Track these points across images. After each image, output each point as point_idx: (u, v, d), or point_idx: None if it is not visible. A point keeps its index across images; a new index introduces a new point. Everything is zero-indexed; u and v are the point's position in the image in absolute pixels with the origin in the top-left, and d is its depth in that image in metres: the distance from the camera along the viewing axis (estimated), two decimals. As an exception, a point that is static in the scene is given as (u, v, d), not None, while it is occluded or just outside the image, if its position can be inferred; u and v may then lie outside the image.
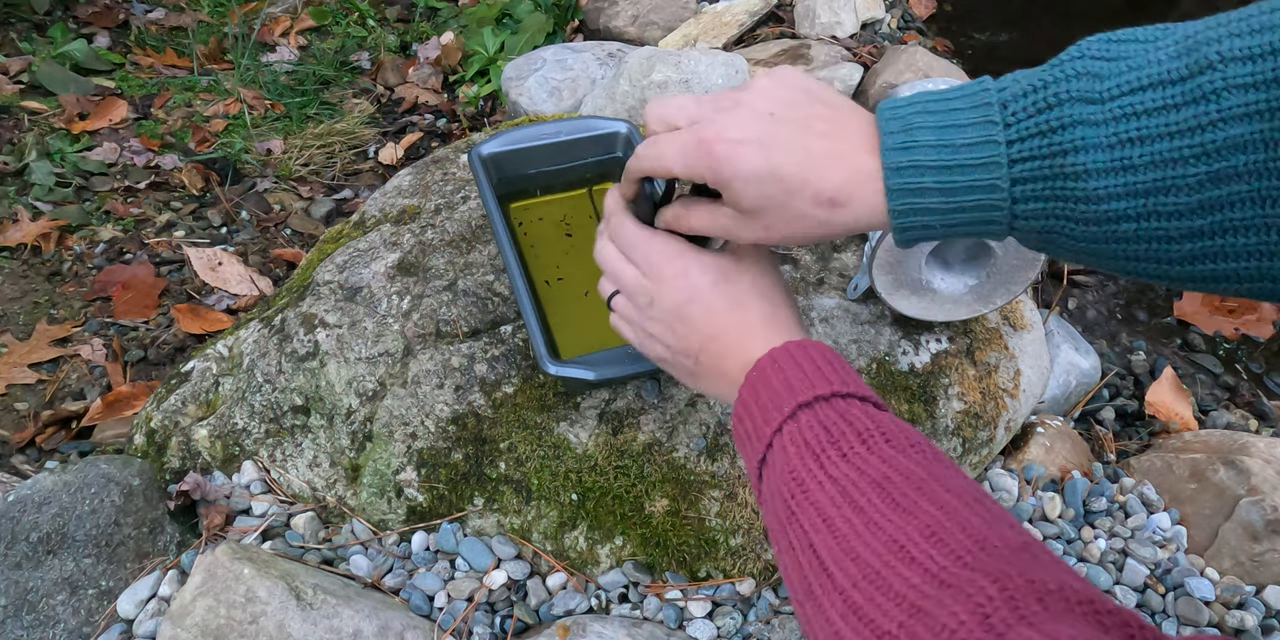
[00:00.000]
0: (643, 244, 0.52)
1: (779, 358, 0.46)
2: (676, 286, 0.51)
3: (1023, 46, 1.82)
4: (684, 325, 0.51)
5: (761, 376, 0.46)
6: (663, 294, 0.51)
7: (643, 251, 0.52)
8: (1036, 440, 0.90)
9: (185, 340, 1.21)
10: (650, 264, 0.52)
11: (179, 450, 0.86)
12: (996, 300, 0.78)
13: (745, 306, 0.50)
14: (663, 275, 0.51)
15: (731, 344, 0.50)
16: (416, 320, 0.83)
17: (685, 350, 0.52)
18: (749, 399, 0.46)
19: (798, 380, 0.44)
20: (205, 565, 0.68)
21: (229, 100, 1.66)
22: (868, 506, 0.36)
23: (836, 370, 0.45)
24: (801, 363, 0.45)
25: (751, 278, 0.52)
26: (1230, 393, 1.17)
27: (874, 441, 0.39)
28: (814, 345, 0.47)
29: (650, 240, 0.52)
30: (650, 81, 1.20)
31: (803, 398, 0.43)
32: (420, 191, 0.98)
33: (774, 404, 0.44)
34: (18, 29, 1.73)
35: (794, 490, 0.39)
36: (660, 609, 0.74)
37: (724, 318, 0.50)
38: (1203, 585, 0.79)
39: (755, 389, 0.46)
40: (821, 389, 0.43)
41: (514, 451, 0.76)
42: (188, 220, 1.42)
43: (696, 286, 0.50)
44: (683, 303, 0.51)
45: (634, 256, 0.53)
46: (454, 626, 0.71)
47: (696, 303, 0.50)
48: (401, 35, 1.88)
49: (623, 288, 0.54)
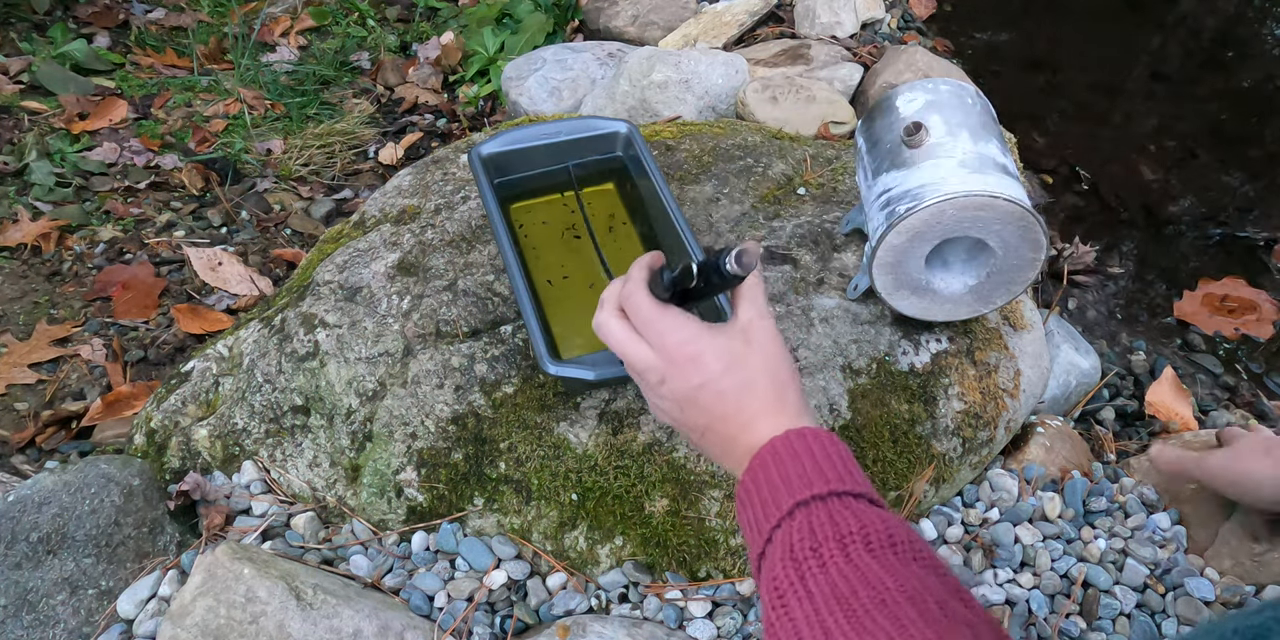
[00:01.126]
0: (657, 322, 0.53)
1: (780, 448, 0.48)
2: (689, 371, 0.52)
3: (1023, 46, 1.82)
4: (694, 407, 0.53)
5: (763, 466, 0.48)
6: (674, 376, 0.53)
7: (657, 329, 0.53)
8: (1036, 440, 0.90)
9: (185, 340, 1.21)
10: (664, 345, 0.53)
11: (179, 450, 0.86)
12: (996, 300, 0.78)
13: (753, 390, 0.52)
14: (675, 359, 0.52)
15: (738, 427, 0.52)
16: (416, 320, 0.83)
17: (693, 427, 0.54)
18: (751, 488, 0.48)
19: (796, 475, 0.46)
20: (205, 565, 0.68)
21: (229, 100, 1.65)
22: (834, 628, 0.38)
23: (834, 464, 0.47)
24: (801, 455, 0.47)
25: (761, 359, 0.53)
26: (1230, 393, 1.17)
27: (853, 548, 0.41)
28: (814, 433, 0.49)
29: (664, 318, 0.53)
30: (650, 81, 1.20)
31: (800, 496, 0.45)
32: (420, 191, 0.98)
33: (774, 499, 0.46)
34: (18, 29, 1.73)
35: (775, 603, 0.42)
36: (660, 609, 0.74)
37: (732, 402, 0.52)
38: (1203, 585, 0.79)
39: (757, 479, 0.48)
40: (818, 487, 0.45)
41: (514, 451, 0.76)
42: (188, 220, 1.42)
43: (709, 372, 0.52)
44: (694, 388, 0.52)
45: (647, 334, 0.54)
46: (454, 626, 0.71)
47: (708, 389, 0.52)
48: (401, 35, 1.88)
49: (631, 366, 0.55)
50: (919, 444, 0.80)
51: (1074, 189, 1.49)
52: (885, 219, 0.72)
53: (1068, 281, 1.28)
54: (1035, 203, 1.28)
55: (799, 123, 1.17)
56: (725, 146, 1.04)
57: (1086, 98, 1.69)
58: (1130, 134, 1.60)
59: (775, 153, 1.04)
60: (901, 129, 0.74)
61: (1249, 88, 1.72)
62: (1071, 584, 0.79)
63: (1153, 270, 1.35)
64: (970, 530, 0.82)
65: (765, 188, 0.98)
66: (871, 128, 0.79)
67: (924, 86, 0.76)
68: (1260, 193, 1.48)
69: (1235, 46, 1.84)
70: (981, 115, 0.75)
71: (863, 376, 0.80)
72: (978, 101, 0.76)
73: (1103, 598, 0.78)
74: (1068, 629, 0.76)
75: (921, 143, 0.72)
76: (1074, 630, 0.76)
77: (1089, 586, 0.79)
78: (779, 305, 0.84)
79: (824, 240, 0.91)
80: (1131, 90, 1.72)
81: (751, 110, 1.19)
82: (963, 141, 0.72)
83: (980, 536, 0.81)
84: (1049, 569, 0.79)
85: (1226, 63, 1.79)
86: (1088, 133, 1.60)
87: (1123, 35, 1.84)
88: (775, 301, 0.85)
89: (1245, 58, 1.81)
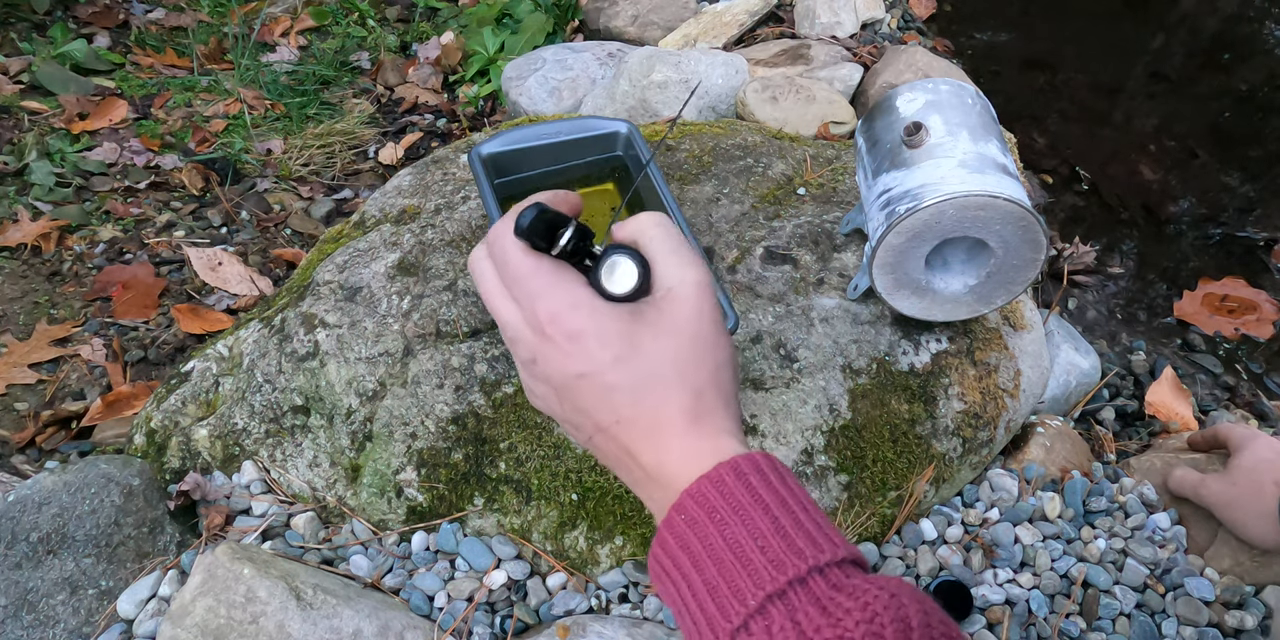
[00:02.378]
0: (528, 279, 0.39)
1: (713, 496, 0.35)
2: (565, 351, 0.39)
3: (1023, 46, 1.82)
4: (574, 401, 0.40)
5: (693, 526, 0.35)
6: (547, 355, 0.39)
7: (527, 290, 0.39)
8: (1036, 440, 0.90)
9: (185, 340, 1.21)
10: (534, 312, 0.39)
11: (179, 450, 0.86)
12: (996, 300, 0.78)
13: (656, 390, 0.38)
14: (548, 333, 0.39)
15: (638, 439, 0.38)
16: (416, 320, 0.83)
17: (578, 425, 0.41)
18: (681, 557, 0.35)
19: (754, 545, 0.33)
20: (205, 565, 0.68)
21: (229, 100, 1.65)
22: None
23: (797, 515, 0.35)
24: (749, 508, 0.34)
25: (672, 345, 0.39)
26: (1230, 393, 1.17)
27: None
28: (754, 464, 0.36)
29: (536, 275, 0.39)
30: (650, 81, 1.20)
31: (770, 585, 0.32)
32: (420, 191, 0.98)
33: (728, 585, 0.33)
34: (18, 29, 1.73)
35: None
36: (660, 609, 0.74)
37: (626, 404, 0.38)
38: (1203, 585, 0.79)
39: (688, 544, 0.35)
40: (793, 565, 0.33)
41: (514, 451, 0.76)
42: (188, 220, 1.42)
43: (593, 358, 0.38)
44: (572, 376, 0.39)
45: (518, 292, 0.40)
46: (454, 626, 0.71)
47: (591, 381, 0.38)
48: (401, 35, 1.88)
49: (504, 331, 0.41)
50: (919, 444, 0.80)
51: (1074, 189, 1.49)
52: (885, 219, 0.72)
53: (1068, 281, 1.28)
54: (1035, 203, 1.28)
55: (799, 123, 1.17)
56: (725, 146, 1.04)
57: (1086, 98, 1.69)
58: (1130, 134, 1.60)
59: (775, 153, 1.04)
60: (901, 129, 0.74)
61: (1249, 88, 1.72)
62: (1071, 584, 0.79)
63: (1153, 270, 1.35)
64: (970, 530, 0.82)
65: (765, 188, 0.98)
66: (871, 128, 0.79)
67: (924, 86, 0.76)
68: (1260, 193, 1.48)
69: (1235, 46, 1.84)
70: (981, 115, 0.75)
71: (863, 376, 0.80)
72: (978, 101, 0.76)
73: (1103, 598, 0.78)
74: (1068, 629, 0.76)
75: (921, 143, 0.72)
76: (1074, 630, 0.76)
77: (1089, 586, 0.79)
78: (779, 305, 0.84)
79: (824, 240, 0.91)
80: (1131, 90, 1.72)
81: (751, 110, 1.19)
82: (963, 141, 0.72)
83: (980, 536, 0.81)
84: (1049, 569, 0.79)
85: (1226, 63, 1.79)
86: (1088, 133, 1.60)
87: (1123, 35, 1.84)
88: (775, 301, 0.85)
89: (1245, 58, 1.81)
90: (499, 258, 0.41)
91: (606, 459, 0.41)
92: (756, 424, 0.77)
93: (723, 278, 0.87)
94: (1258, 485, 0.77)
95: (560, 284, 0.39)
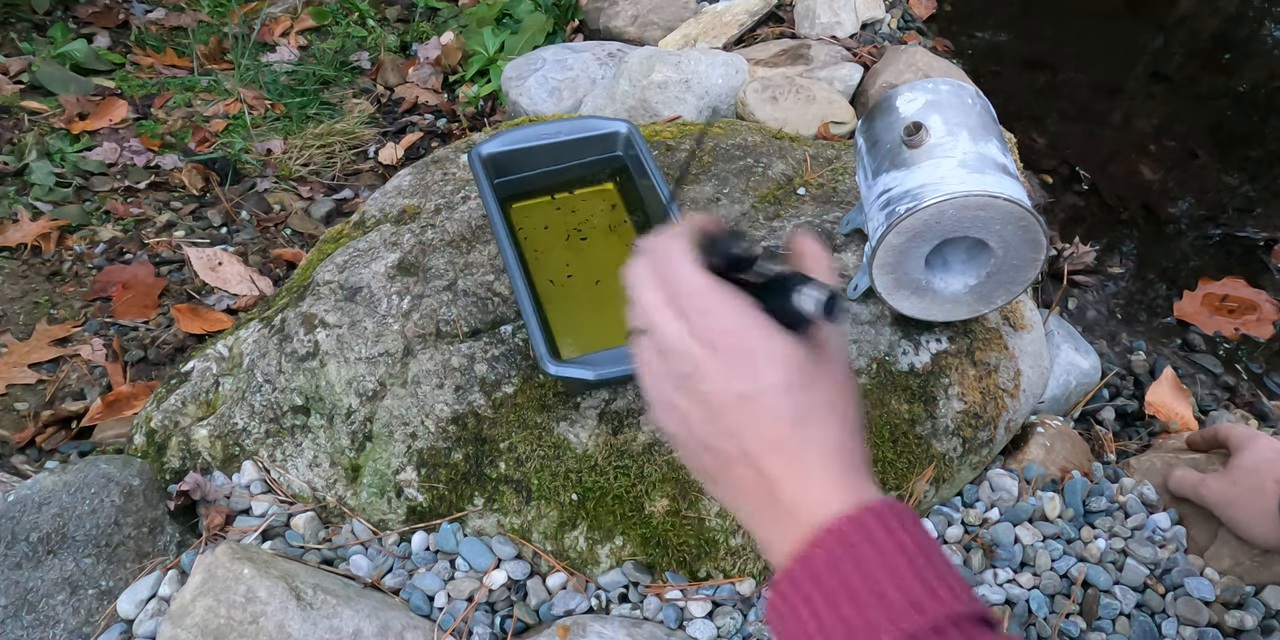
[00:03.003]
0: (704, 294, 0.39)
1: (856, 537, 0.35)
2: (737, 371, 0.38)
3: (1023, 46, 1.82)
4: (725, 422, 0.39)
5: (832, 564, 0.35)
6: (712, 372, 0.39)
7: (701, 305, 0.39)
8: (1036, 440, 0.90)
9: (185, 340, 1.21)
10: (707, 328, 0.39)
11: (179, 450, 0.86)
12: (996, 300, 0.78)
13: (814, 424, 0.39)
14: (718, 347, 0.38)
15: (782, 471, 0.38)
16: (416, 320, 0.83)
17: (716, 450, 0.40)
18: (812, 593, 0.35)
19: (894, 586, 0.34)
20: (205, 565, 0.68)
21: (229, 100, 1.66)
22: None
23: (936, 565, 0.35)
24: (891, 553, 0.35)
25: (833, 385, 0.40)
26: (1230, 393, 1.17)
27: None
28: (895, 512, 0.37)
29: (715, 292, 0.40)
30: (650, 81, 1.20)
31: (907, 623, 0.33)
32: (420, 191, 0.98)
33: (863, 623, 0.34)
34: (18, 29, 1.73)
35: None
36: (660, 609, 0.74)
37: (784, 433, 0.38)
38: (1203, 585, 0.79)
39: (822, 580, 0.35)
40: (930, 609, 0.33)
41: (514, 451, 0.76)
42: (188, 220, 1.42)
43: (764, 380, 0.38)
44: (738, 397, 0.38)
45: (688, 307, 0.40)
46: (454, 626, 0.71)
47: (756, 402, 0.38)
48: (401, 35, 1.88)
49: (659, 343, 0.41)
50: (919, 444, 0.80)
51: (1074, 189, 1.49)
52: (885, 219, 0.72)
53: (1068, 281, 1.28)
54: (1035, 203, 1.28)
55: (799, 123, 1.17)
56: (725, 146, 1.04)
57: (1086, 98, 1.69)
58: (1130, 134, 1.60)
59: (775, 153, 1.04)
60: (901, 129, 0.74)
61: (1249, 88, 1.72)
62: (1071, 584, 0.79)
63: (1153, 270, 1.35)
64: (970, 530, 0.82)
65: (765, 188, 0.98)
66: (871, 128, 0.79)
67: (924, 86, 0.76)
68: (1260, 193, 1.48)
69: (1235, 46, 1.84)
70: (981, 115, 0.75)
71: (863, 376, 0.80)
72: (978, 101, 0.76)
73: (1102, 598, 0.78)
74: (1068, 629, 0.76)
75: (921, 143, 0.72)
76: (1074, 630, 0.76)
77: (1089, 586, 0.79)
78: (779, 305, 0.84)
79: (824, 240, 0.91)
80: (1131, 90, 1.72)
81: (751, 110, 1.19)
82: (963, 141, 0.72)
83: (980, 536, 0.81)
84: (1049, 569, 0.79)
85: (1226, 63, 1.79)
86: (1088, 133, 1.60)
87: (1123, 35, 1.84)
88: (775, 301, 0.85)
89: (1245, 58, 1.81)
90: (665, 270, 0.41)
91: (734, 488, 0.40)
92: (756, 424, 0.77)
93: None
94: (1259, 484, 0.77)
95: (733, 303, 0.39)
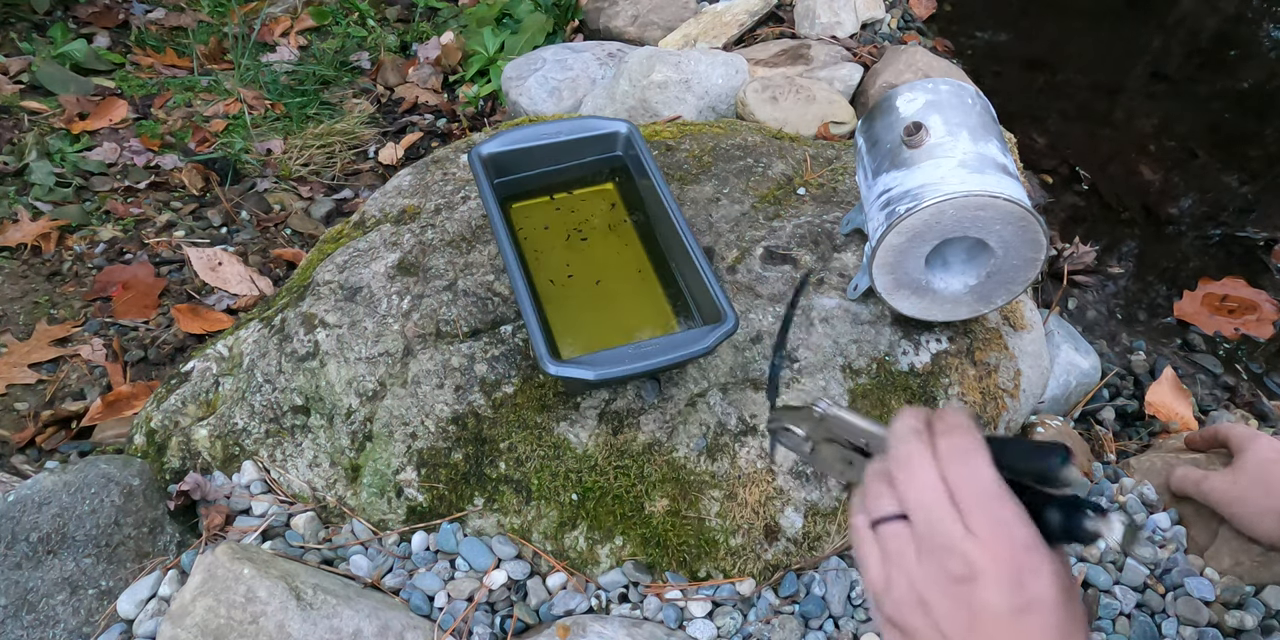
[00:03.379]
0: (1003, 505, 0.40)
1: None
2: (1022, 584, 0.38)
3: (1023, 46, 1.82)
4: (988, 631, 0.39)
5: None
6: (995, 583, 0.38)
7: (997, 515, 0.39)
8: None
9: (185, 340, 1.21)
10: (995, 538, 0.39)
11: (179, 450, 0.86)
12: (996, 300, 0.78)
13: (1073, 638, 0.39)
14: (1004, 560, 0.39)
15: None
16: (416, 320, 0.83)
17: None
18: None
19: None
20: (205, 565, 0.68)
21: (229, 100, 1.65)
22: None
23: None
24: None
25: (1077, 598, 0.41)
26: (1230, 393, 1.17)
27: None
28: None
29: (1011, 505, 0.40)
30: (650, 81, 1.20)
31: None
32: (420, 191, 0.98)
33: None
34: (18, 29, 1.73)
35: None
36: (660, 609, 0.74)
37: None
38: (1203, 585, 0.79)
39: None
40: None
41: (514, 451, 0.76)
42: (188, 220, 1.42)
43: (1044, 592, 0.38)
44: (1015, 608, 0.38)
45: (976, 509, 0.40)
46: (454, 626, 0.71)
47: (1033, 614, 0.38)
48: (401, 35, 1.88)
49: (932, 539, 0.41)
50: (919, 444, 0.80)
51: (1074, 189, 1.49)
52: (885, 219, 0.72)
53: (1068, 281, 1.28)
54: (1035, 203, 1.28)
55: (799, 123, 1.17)
56: (725, 146, 1.04)
57: (1086, 98, 1.69)
58: (1130, 134, 1.60)
59: (775, 153, 1.04)
60: (901, 129, 0.74)
61: (1249, 88, 1.72)
62: (1071, 584, 0.79)
63: (1153, 270, 1.35)
64: (970, 530, 0.82)
65: (765, 188, 0.98)
66: (871, 128, 0.79)
67: (924, 86, 0.76)
68: (1260, 193, 1.48)
69: (1235, 46, 1.84)
70: (981, 115, 0.75)
71: (863, 376, 0.80)
72: (978, 101, 0.76)
73: (1103, 598, 0.78)
74: (1068, 629, 0.76)
75: (921, 143, 0.72)
76: (1074, 630, 0.76)
77: (1089, 586, 0.79)
78: (779, 305, 0.84)
79: (824, 240, 0.91)
80: (1131, 90, 1.72)
81: (751, 110, 1.19)
82: (963, 141, 0.72)
83: (980, 536, 0.81)
84: (1049, 569, 0.79)
85: (1226, 63, 1.79)
86: (1088, 133, 1.60)
87: (1123, 35, 1.84)
88: (775, 301, 0.85)
89: (1245, 58, 1.81)
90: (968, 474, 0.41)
91: None
92: (756, 424, 0.77)
93: (723, 278, 0.87)
94: (1265, 482, 0.77)
95: (1025, 516, 0.40)
